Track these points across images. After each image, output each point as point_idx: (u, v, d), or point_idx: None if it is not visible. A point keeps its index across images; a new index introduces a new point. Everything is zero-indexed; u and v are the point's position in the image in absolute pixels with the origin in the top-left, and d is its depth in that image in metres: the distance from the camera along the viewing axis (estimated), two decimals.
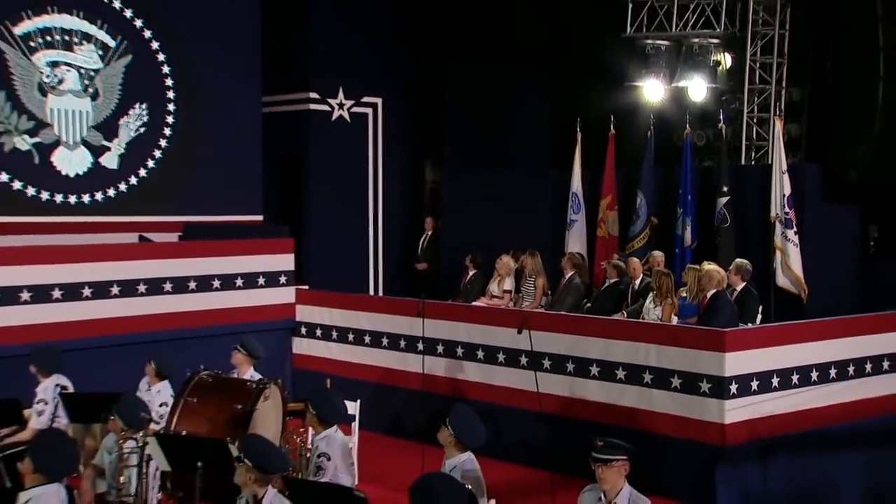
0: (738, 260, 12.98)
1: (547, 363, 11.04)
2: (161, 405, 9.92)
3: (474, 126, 18.87)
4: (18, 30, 15.01)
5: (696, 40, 16.42)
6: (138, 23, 16.07)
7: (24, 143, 15.17)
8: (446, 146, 19.40)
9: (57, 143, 15.40)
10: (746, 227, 14.86)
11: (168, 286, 13.23)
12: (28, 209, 15.10)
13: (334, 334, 13.71)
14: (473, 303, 14.57)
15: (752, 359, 9.98)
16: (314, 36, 17.85)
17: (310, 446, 8.57)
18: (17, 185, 15.03)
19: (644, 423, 10.21)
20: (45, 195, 15.25)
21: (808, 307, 13.91)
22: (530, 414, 10.91)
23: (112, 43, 15.85)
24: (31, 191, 15.15)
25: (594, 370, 10.76)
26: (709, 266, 12.34)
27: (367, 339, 13.23)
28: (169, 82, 16.44)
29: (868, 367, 10.89)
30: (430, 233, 18.18)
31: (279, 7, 17.65)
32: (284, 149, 18.08)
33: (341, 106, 18.18)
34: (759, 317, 12.95)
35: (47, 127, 15.32)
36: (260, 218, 17.11)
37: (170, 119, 16.48)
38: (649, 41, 16.77)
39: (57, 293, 12.22)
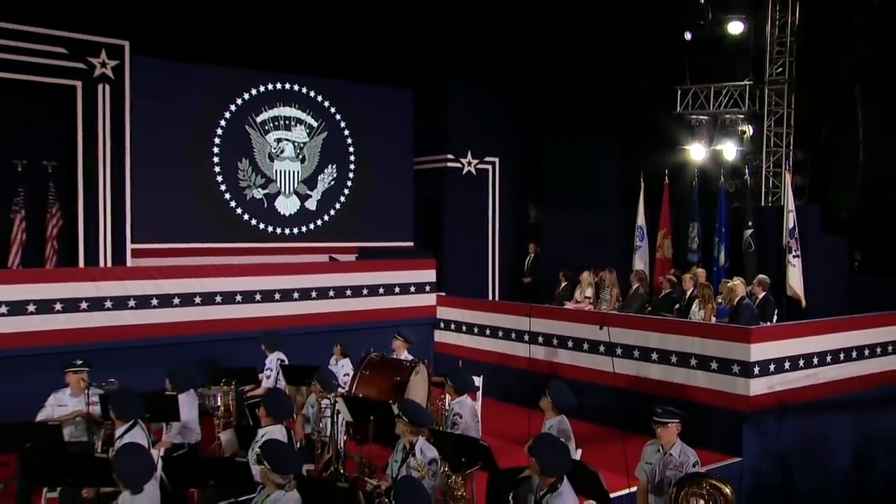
0: (759, 276, 13.38)
1: (620, 350, 11.23)
2: (344, 375, 10.47)
3: (565, 177, 19.00)
4: (258, 118, 16.21)
5: (728, 116, 16.85)
6: (332, 110, 17.18)
7: (258, 193, 16.27)
8: (544, 192, 19.59)
9: (278, 193, 16.50)
10: (765, 252, 15.07)
11: (348, 292, 13.80)
12: (259, 238, 16.19)
13: (464, 328, 14.07)
14: (565, 305, 14.91)
15: (771, 348, 10.25)
16: (450, 115, 18.47)
17: (447, 408, 8.77)
18: (253, 221, 16.20)
19: (690, 395, 10.40)
20: (269, 228, 16.38)
21: (810, 310, 14.11)
22: (607, 388, 11.05)
23: (315, 124, 16.95)
24: (261, 225, 16.30)
25: (654, 356, 11.04)
26: (735, 281, 12.69)
27: (487, 331, 13.54)
28: (350, 150, 17.48)
29: (854, 353, 11.17)
30: (532, 255, 18.50)
31: (426, 95, 18.30)
32: (429, 194, 18.66)
33: (469, 164, 18.84)
34: (775, 317, 13.12)
35: (272, 182, 16.44)
36: (411, 244, 17.81)
37: (350, 175, 17.48)
38: (693, 116, 17.17)
39: (277, 295, 13.04)
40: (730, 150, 16.91)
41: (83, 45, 14.04)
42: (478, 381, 9.98)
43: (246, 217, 16.30)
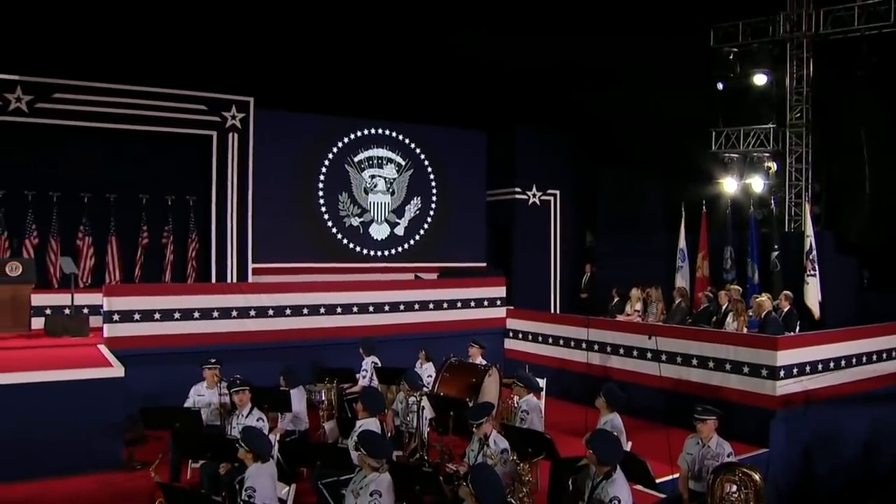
0: (785, 291, 13.16)
1: (664, 357, 11.05)
2: (428, 377, 10.39)
3: (616, 206, 18.86)
4: (356, 158, 16.55)
5: (755, 154, 16.93)
6: (417, 150, 17.37)
7: (355, 221, 16.53)
8: (599, 219, 19.44)
9: (372, 221, 16.71)
10: (790, 271, 14.83)
11: (431, 305, 13.64)
12: (356, 259, 16.44)
13: (530, 337, 13.82)
14: (617, 318, 14.62)
15: (794, 355, 10.06)
16: (518, 153, 18.51)
17: (516, 406, 8.65)
18: (351, 245, 16.48)
19: (725, 395, 10.16)
20: (364, 251, 16.63)
21: (826, 321, 13.83)
22: (654, 389, 10.92)
23: (403, 162, 17.17)
24: (357, 248, 16.55)
25: (694, 361, 10.81)
26: (763, 297, 12.42)
27: (550, 340, 13.33)
28: (433, 184, 17.61)
29: (864, 358, 10.95)
30: (588, 274, 18.35)
31: (497, 136, 18.30)
32: (499, 222, 18.62)
33: (534, 195, 18.76)
34: (798, 328, 12.80)
35: (367, 212, 16.67)
36: (484, 264, 17.81)
37: (432, 206, 17.60)
38: (726, 154, 17.22)
39: (371, 308, 12.93)
40: (757, 184, 16.93)
41: (218, 102, 14.81)
42: (542, 382, 9.91)
43: (345, 241, 16.61)
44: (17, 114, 13.18)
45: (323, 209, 16.38)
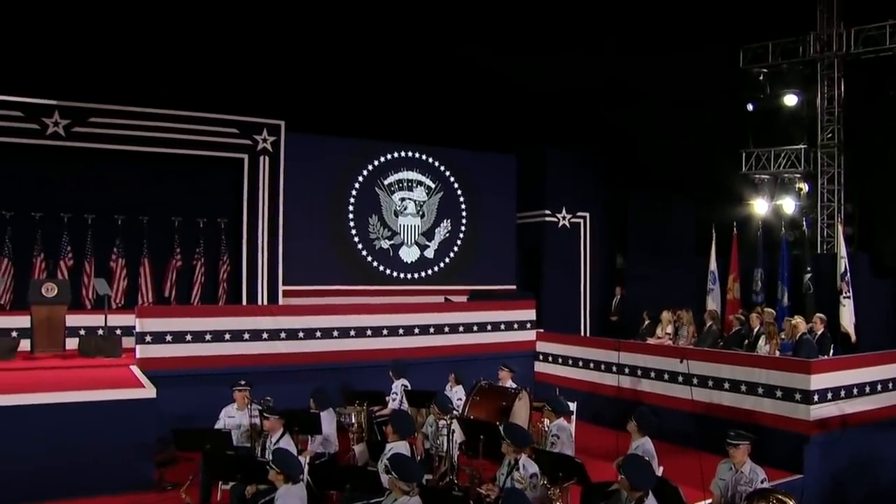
0: (818, 314, 12.98)
1: (696, 380, 10.93)
2: (458, 400, 10.33)
3: (646, 229, 18.73)
4: (386, 181, 16.63)
5: (786, 175, 16.90)
6: (447, 173, 17.43)
7: (385, 244, 16.61)
8: (629, 241, 19.25)
9: (402, 243, 16.77)
10: (822, 293, 14.67)
11: (461, 328, 13.55)
12: (386, 281, 16.50)
13: (560, 360, 13.68)
14: (647, 341, 14.54)
15: (829, 378, 9.92)
16: (548, 176, 18.48)
17: (546, 429, 8.64)
18: (381, 267, 16.55)
19: (758, 419, 10.04)
20: (394, 273, 16.68)
21: (861, 344, 13.67)
22: (685, 413, 10.79)
23: (432, 185, 17.23)
24: (387, 271, 16.62)
25: (726, 385, 10.68)
26: (797, 319, 12.41)
27: (580, 363, 13.19)
28: (462, 207, 17.63)
29: None
30: (619, 297, 18.16)
31: (527, 159, 18.33)
32: (529, 244, 18.57)
33: (564, 218, 18.69)
34: (832, 351, 12.66)
35: (397, 234, 16.72)
36: (514, 287, 17.72)
37: (462, 228, 17.60)
38: (756, 176, 17.21)
39: (401, 331, 12.90)
40: (789, 205, 16.92)
41: (250, 126, 15.04)
42: (572, 406, 9.85)
43: (375, 264, 16.68)
44: (55, 137, 13.53)
45: (353, 232, 16.49)
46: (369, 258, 16.62)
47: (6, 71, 13.01)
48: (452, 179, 17.70)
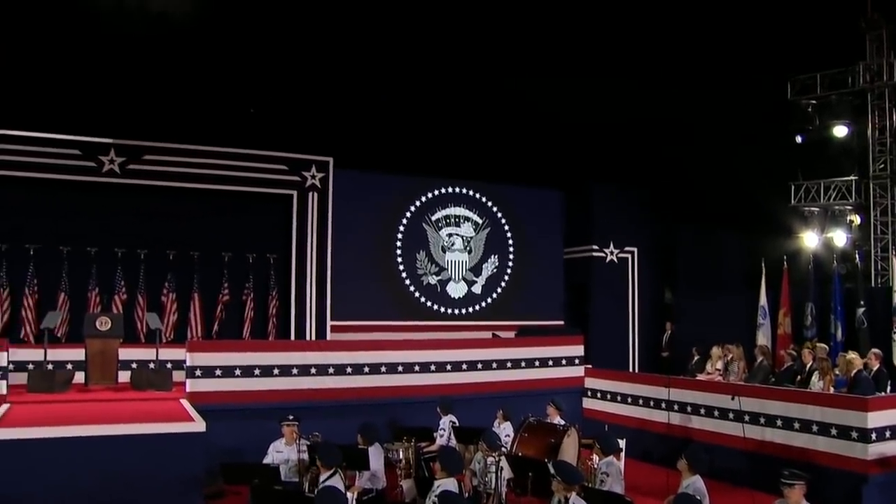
0: (874, 349, 12.56)
1: (748, 417, 10.77)
2: (506, 436, 10.18)
3: (696, 263, 18.56)
4: (433, 217, 16.77)
5: (837, 207, 16.68)
6: (494, 209, 17.51)
7: (433, 279, 16.71)
8: (678, 276, 19.11)
9: (450, 279, 16.86)
10: (877, 328, 14.30)
11: (509, 364, 13.43)
12: (434, 317, 16.55)
13: (609, 396, 13.55)
14: (697, 377, 14.12)
15: (886, 416, 9.63)
16: (594, 211, 18.45)
17: (596, 467, 8.52)
18: (428, 303, 16.64)
19: (812, 458, 9.81)
20: (442, 309, 16.74)
21: None
22: (737, 450, 10.66)
23: (480, 221, 17.31)
24: (435, 306, 16.69)
25: (779, 422, 10.49)
26: (851, 355, 11.95)
27: (629, 399, 13.04)
28: (510, 243, 17.66)
29: None
30: (669, 332, 17.92)
31: (573, 194, 18.29)
32: (577, 280, 18.50)
33: (612, 253, 18.58)
34: (889, 387, 12.15)
35: (445, 270, 16.82)
36: (562, 322, 17.64)
37: (510, 264, 17.62)
38: (806, 208, 17.02)
39: (448, 367, 12.82)
40: (840, 238, 16.72)
41: (299, 162, 15.31)
42: (621, 443, 9.68)
43: (422, 299, 16.76)
44: (111, 175, 13.96)
45: (401, 267, 16.59)
46: (417, 294, 16.67)
47: (65, 111, 13.52)
48: (500, 215, 17.77)
